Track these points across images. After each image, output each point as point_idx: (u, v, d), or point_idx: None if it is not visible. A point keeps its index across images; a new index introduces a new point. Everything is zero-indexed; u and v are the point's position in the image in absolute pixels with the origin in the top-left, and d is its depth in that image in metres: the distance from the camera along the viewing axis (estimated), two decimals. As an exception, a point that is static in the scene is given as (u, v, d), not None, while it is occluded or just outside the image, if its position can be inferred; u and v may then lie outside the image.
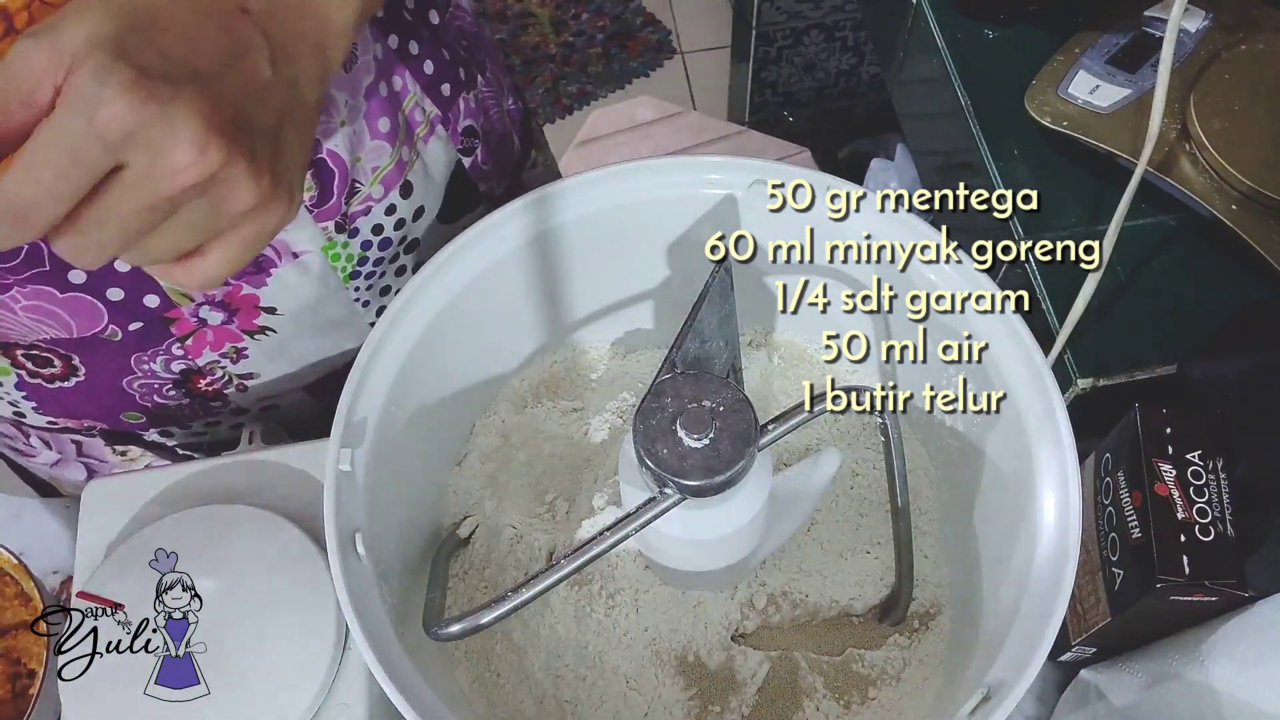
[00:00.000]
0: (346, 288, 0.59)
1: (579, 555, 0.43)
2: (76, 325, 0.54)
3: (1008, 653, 0.45)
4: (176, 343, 0.57)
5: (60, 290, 0.52)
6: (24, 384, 0.59)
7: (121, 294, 0.53)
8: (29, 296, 0.52)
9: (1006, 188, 0.71)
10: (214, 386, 0.61)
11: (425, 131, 0.60)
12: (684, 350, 0.48)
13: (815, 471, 0.54)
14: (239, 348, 0.59)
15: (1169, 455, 0.53)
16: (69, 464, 0.69)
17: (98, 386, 0.58)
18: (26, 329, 0.54)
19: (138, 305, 0.54)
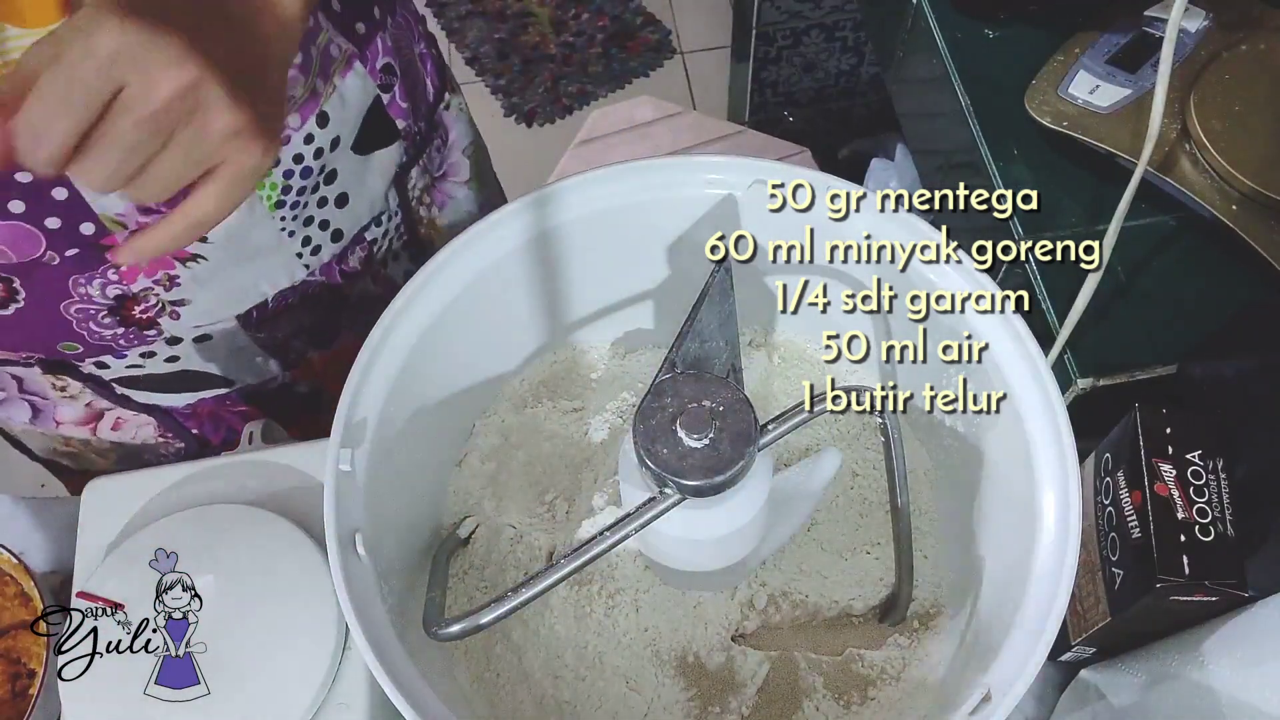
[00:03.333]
0: (272, 216, 0.61)
1: (579, 555, 0.43)
2: (15, 252, 0.56)
3: (1008, 653, 0.45)
4: (111, 268, 0.59)
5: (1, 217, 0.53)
6: None
7: (59, 222, 0.55)
8: None
9: (1006, 188, 0.71)
10: (148, 314, 0.62)
11: (342, 67, 0.62)
12: (684, 350, 0.48)
13: (815, 471, 0.54)
14: (171, 275, 0.61)
15: (1169, 455, 0.53)
16: (13, 402, 0.71)
17: (36, 313, 0.60)
18: None
19: (74, 232, 0.56)
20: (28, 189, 0.53)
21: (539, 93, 2.01)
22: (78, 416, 0.72)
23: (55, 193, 0.54)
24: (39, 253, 0.56)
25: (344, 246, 0.68)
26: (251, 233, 0.61)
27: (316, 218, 0.65)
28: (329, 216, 0.65)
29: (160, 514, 0.56)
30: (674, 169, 0.57)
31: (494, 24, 2.09)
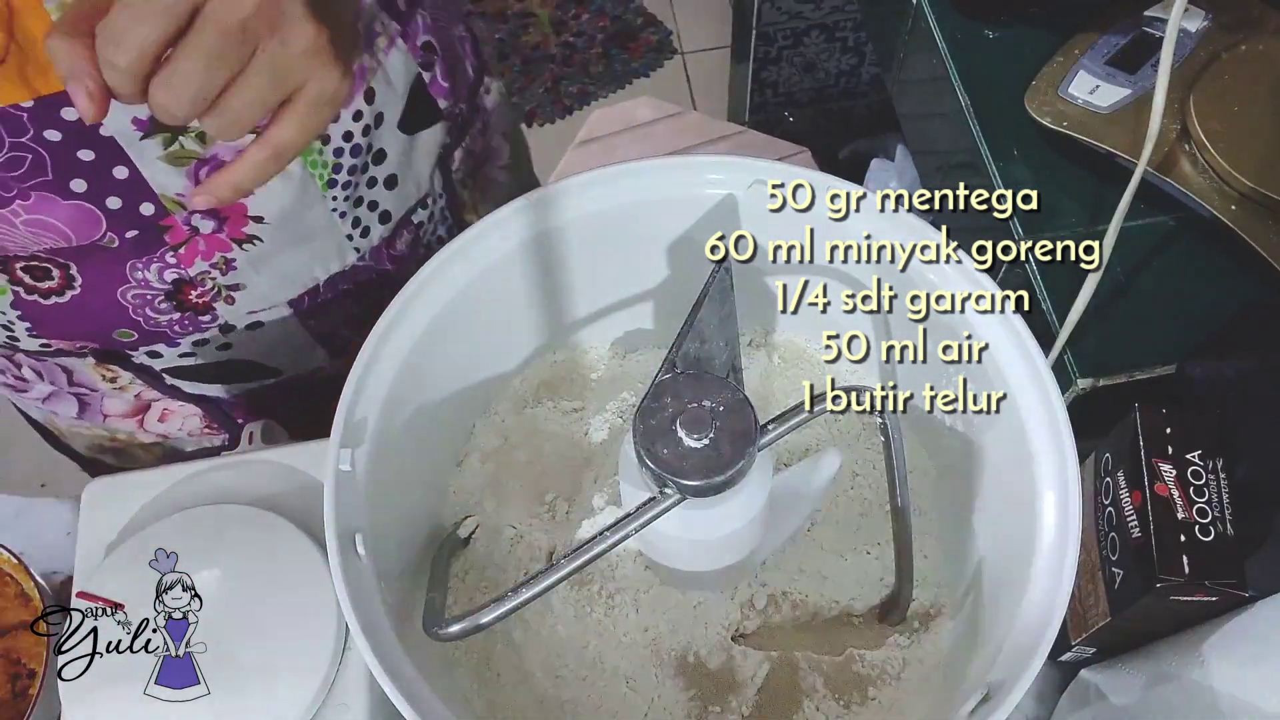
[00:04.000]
0: (324, 196, 0.62)
1: (579, 555, 0.43)
2: (76, 234, 0.56)
3: (1008, 653, 0.45)
4: (170, 251, 0.59)
5: (62, 198, 0.53)
6: (20, 302, 0.60)
7: (120, 202, 0.55)
8: (30, 209, 0.53)
9: (1006, 188, 0.71)
10: (204, 299, 0.63)
11: (386, 44, 0.62)
12: (684, 350, 0.48)
13: (815, 472, 0.54)
14: (228, 258, 0.61)
15: (1169, 455, 0.53)
16: (61, 397, 0.71)
17: (93, 299, 0.60)
18: (27, 240, 0.55)
19: (134, 213, 0.56)
20: (89, 167, 0.53)
21: (539, 93, 2.01)
22: (125, 409, 0.73)
23: (116, 171, 0.54)
24: (99, 234, 0.56)
25: (392, 229, 0.68)
26: (305, 214, 0.61)
27: (366, 198, 0.65)
28: (378, 198, 0.66)
29: (160, 514, 0.56)
30: (674, 169, 0.57)
31: (494, 24, 2.09)
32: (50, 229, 0.55)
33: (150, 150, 0.54)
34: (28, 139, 0.50)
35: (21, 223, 0.54)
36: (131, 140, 0.53)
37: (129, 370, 0.68)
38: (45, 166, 0.52)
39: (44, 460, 1.58)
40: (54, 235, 0.55)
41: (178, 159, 0.55)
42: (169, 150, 0.54)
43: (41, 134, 0.50)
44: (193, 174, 0.56)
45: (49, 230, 0.55)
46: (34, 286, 0.60)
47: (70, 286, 0.60)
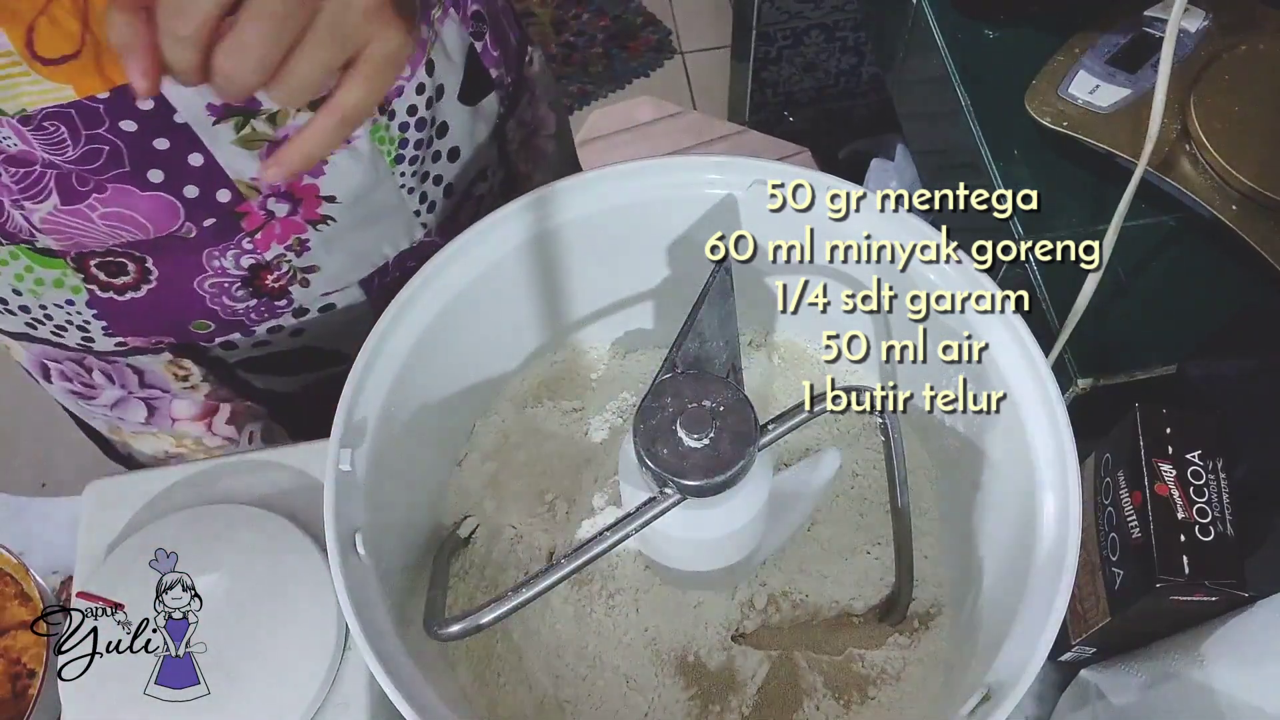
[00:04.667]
0: (393, 173, 0.62)
1: (579, 555, 0.43)
2: (154, 226, 0.56)
3: (1008, 653, 0.45)
4: (246, 237, 0.59)
5: (140, 190, 0.53)
6: (95, 300, 0.61)
7: (196, 190, 0.55)
8: (107, 202, 0.54)
9: (1006, 188, 0.71)
10: (280, 283, 0.63)
11: (440, 14, 0.62)
12: (684, 350, 0.48)
13: (815, 471, 0.54)
14: (302, 239, 0.61)
15: (1169, 455, 0.53)
16: (130, 402, 0.71)
17: (169, 292, 0.60)
18: (104, 234, 0.56)
19: (211, 200, 0.56)
20: (165, 156, 0.53)
21: (539, 93, 2.01)
22: (194, 411, 0.73)
23: (191, 159, 0.54)
24: (177, 224, 0.56)
25: (456, 203, 0.69)
26: (374, 191, 0.62)
27: (432, 173, 0.65)
28: (442, 171, 0.66)
29: (160, 514, 0.56)
30: (674, 169, 0.57)
31: (494, 24, 2.09)
32: (129, 221, 0.55)
33: (223, 135, 0.54)
34: (104, 130, 0.50)
35: (99, 216, 0.54)
36: (205, 126, 0.53)
37: (202, 365, 0.68)
38: (122, 157, 0.52)
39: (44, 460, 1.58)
40: (132, 228, 0.56)
41: (250, 142, 0.55)
42: (241, 134, 0.54)
43: (117, 125, 0.51)
44: (264, 158, 0.56)
45: (127, 223, 0.55)
46: (109, 283, 0.60)
47: (146, 280, 0.60)
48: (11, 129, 0.50)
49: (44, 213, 0.54)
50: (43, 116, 0.49)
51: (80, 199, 0.53)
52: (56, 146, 0.50)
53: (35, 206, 0.54)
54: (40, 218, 0.55)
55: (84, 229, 0.55)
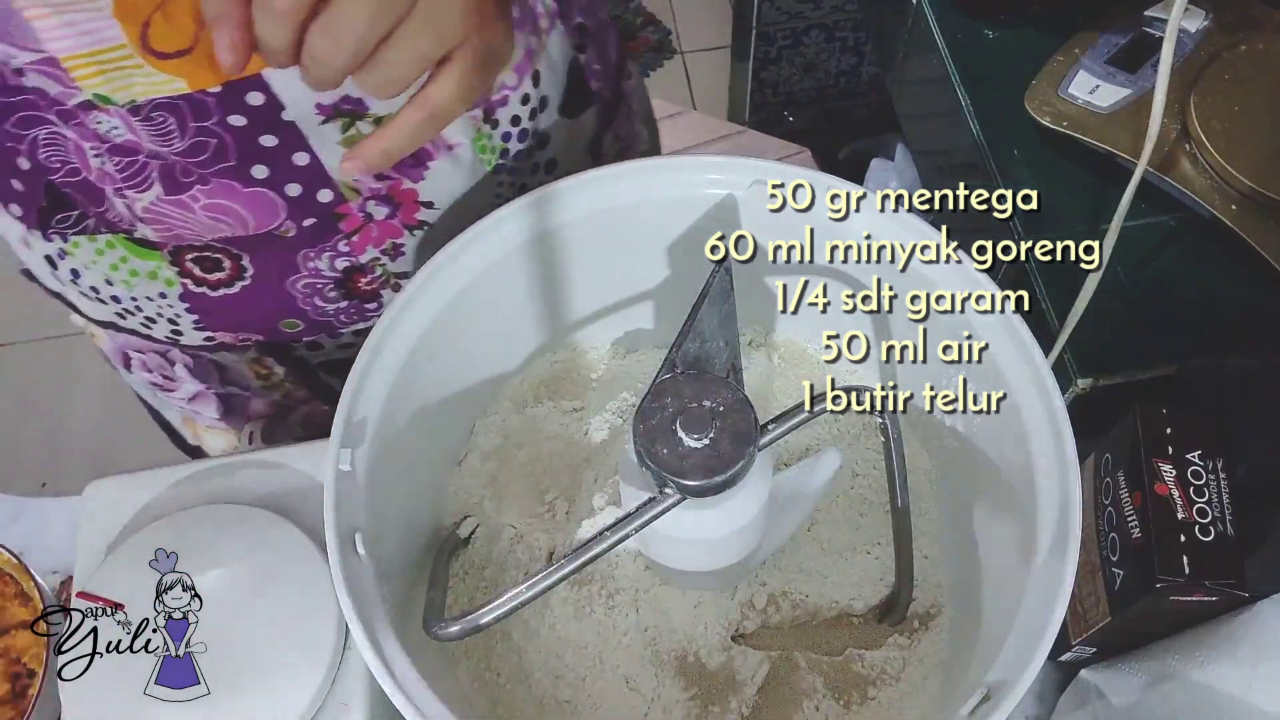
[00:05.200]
0: (491, 181, 0.62)
1: (579, 555, 0.43)
2: (254, 221, 0.56)
3: (1008, 653, 0.45)
4: (343, 239, 0.59)
5: (243, 185, 0.54)
6: (188, 294, 0.61)
7: (299, 189, 0.55)
8: (210, 194, 0.54)
9: (1006, 188, 0.71)
10: (372, 286, 0.63)
11: (547, 24, 0.62)
12: (684, 350, 0.48)
13: (815, 471, 0.54)
14: (397, 243, 0.61)
15: (1169, 455, 0.53)
16: (208, 398, 0.71)
17: (263, 289, 0.61)
18: (204, 227, 0.56)
19: (312, 200, 0.56)
20: (271, 153, 0.53)
21: (539, 93, 2.01)
22: (271, 411, 0.74)
23: (297, 158, 0.54)
24: (277, 222, 0.57)
25: None
26: (472, 199, 0.62)
27: (529, 184, 0.65)
28: (539, 183, 0.66)
29: (160, 514, 0.56)
30: (674, 169, 0.57)
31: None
32: (230, 215, 0.55)
33: (329, 135, 0.54)
34: (212, 124, 0.51)
35: (201, 208, 0.55)
36: (312, 126, 0.53)
37: (285, 365, 0.68)
38: (228, 152, 0.52)
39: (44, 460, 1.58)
40: (232, 222, 0.56)
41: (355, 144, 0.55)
42: (347, 135, 0.54)
43: (226, 119, 0.51)
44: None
45: (228, 216, 0.55)
46: (203, 279, 0.60)
47: (240, 277, 0.60)
48: (120, 118, 0.50)
49: (146, 202, 0.54)
50: (152, 107, 0.49)
51: (183, 190, 0.53)
52: (164, 137, 0.51)
53: (138, 195, 0.54)
54: (143, 206, 0.55)
55: (185, 220, 0.55)
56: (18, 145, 0.53)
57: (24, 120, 0.51)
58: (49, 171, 0.54)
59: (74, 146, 0.52)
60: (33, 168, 0.55)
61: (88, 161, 0.53)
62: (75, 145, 0.52)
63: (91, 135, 0.51)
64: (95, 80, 0.47)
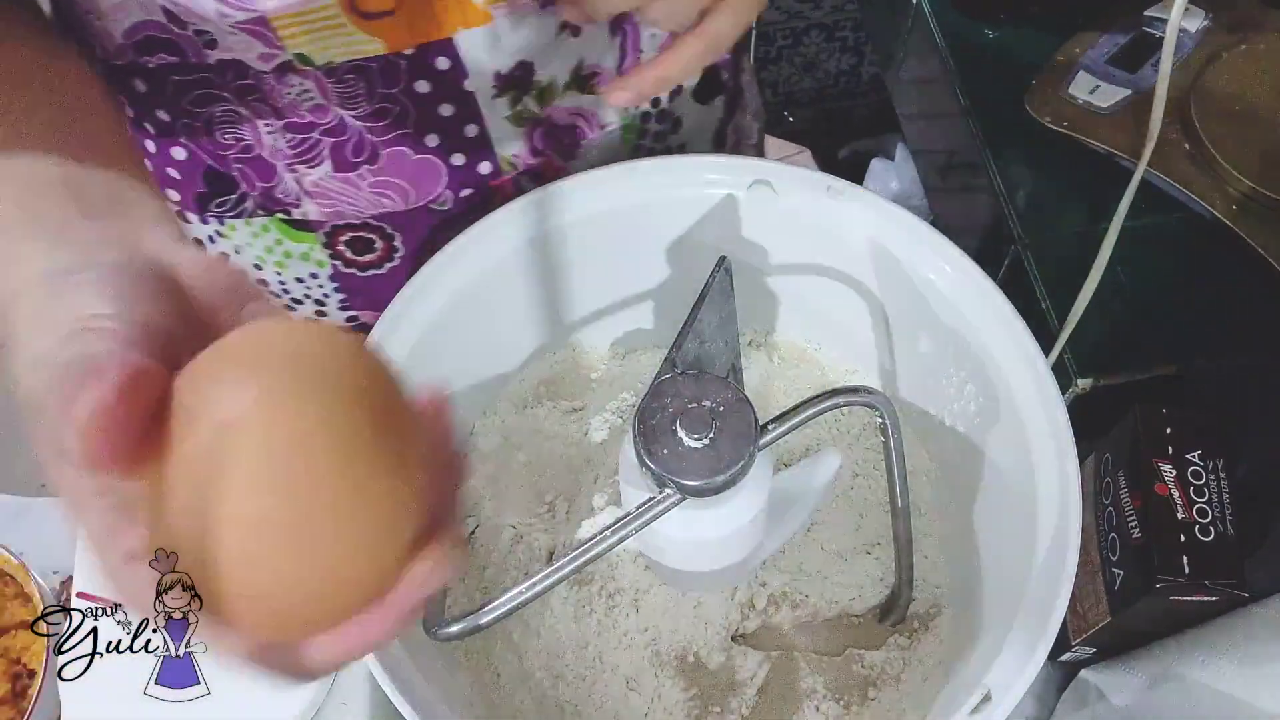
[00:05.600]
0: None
1: (579, 555, 0.43)
2: (415, 191, 0.58)
3: (1008, 653, 0.45)
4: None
5: (414, 152, 0.56)
6: (337, 275, 0.64)
7: (463, 159, 0.58)
8: (378, 172, 0.56)
9: (1006, 188, 0.71)
10: None
11: None
12: (684, 350, 0.48)
13: (815, 472, 0.54)
14: None
15: (1169, 455, 0.53)
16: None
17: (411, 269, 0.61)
18: (366, 203, 0.59)
19: (473, 172, 0.59)
20: (446, 122, 0.55)
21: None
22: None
23: (467, 129, 0.56)
24: (437, 192, 0.59)
25: None
26: None
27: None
28: None
29: (160, 514, 0.56)
30: (674, 169, 0.57)
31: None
32: (393, 189, 0.57)
33: (500, 109, 0.56)
34: (398, 90, 0.53)
35: (367, 185, 0.57)
36: (486, 98, 0.55)
37: None
38: (408, 118, 0.54)
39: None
40: (395, 195, 0.58)
41: (520, 119, 0.57)
42: (514, 110, 0.57)
43: (412, 85, 0.53)
44: (527, 136, 0.59)
45: (391, 190, 0.58)
46: (354, 260, 0.62)
47: (390, 259, 0.62)
48: (314, 81, 0.51)
49: (315, 178, 0.57)
50: (346, 69, 0.51)
51: (351, 169, 0.56)
52: (352, 100, 0.53)
53: (309, 171, 0.57)
54: (312, 182, 0.57)
55: (350, 196, 0.58)
56: (192, 121, 0.55)
57: (201, 98, 0.53)
58: (222, 148, 0.56)
59: (249, 124, 0.55)
60: (190, 156, 0.57)
61: (261, 138, 0.55)
62: (250, 123, 0.54)
63: (269, 111, 0.53)
64: (300, 39, 0.48)
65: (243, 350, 0.26)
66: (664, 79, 0.42)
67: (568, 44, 0.56)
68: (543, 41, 0.54)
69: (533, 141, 0.60)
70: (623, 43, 0.59)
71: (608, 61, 0.59)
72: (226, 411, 0.24)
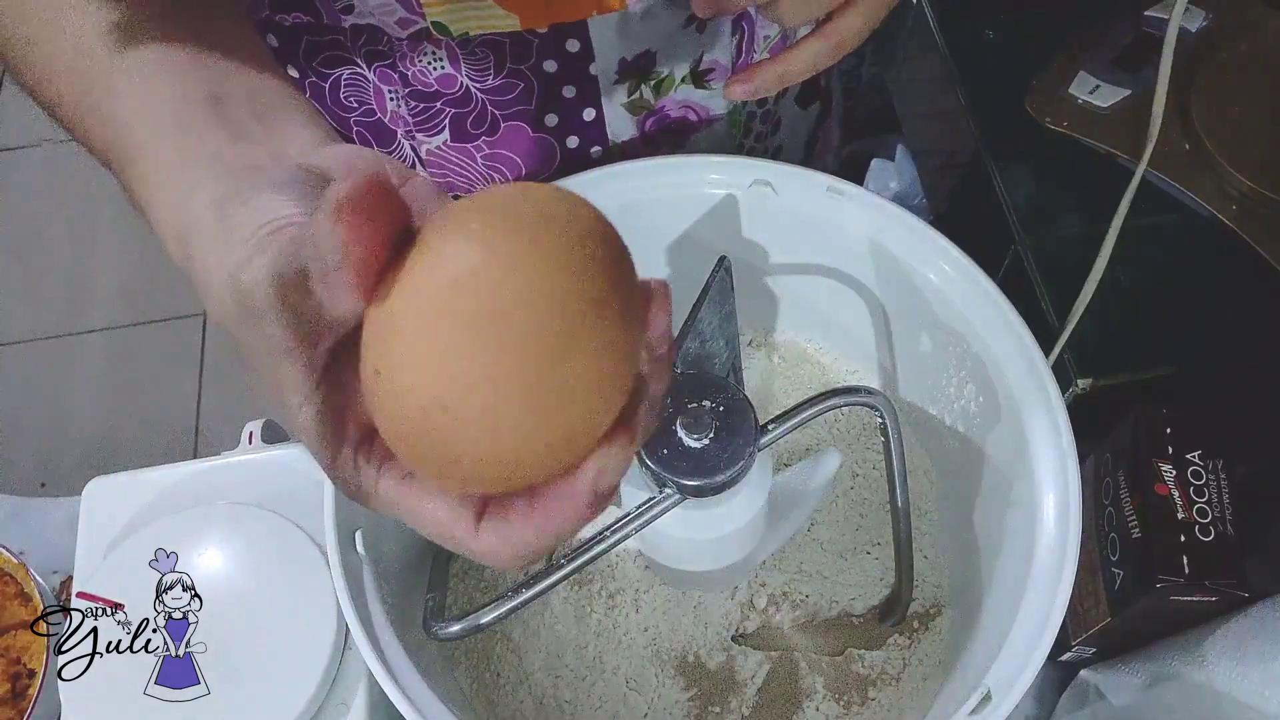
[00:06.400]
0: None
1: (579, 555, 0.43)
2: (526, 168, 0.59)
3: (1008, 653, 0.45)
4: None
5: (532, 129, 0.58)
6: None
7: (577, 141, 0.59)
8: (494, 144, 0.58)
9: (1006, 188, 0.71)
10: None
11: None
12: (684, 350, 0.48)
13: (815, 472, 0.54)
14: None
15: (1169, 455, 0.53)
16: None
17: None
18: (480, 174, 0.60)
19: (585, 155, 0.60)
20: (567, 104, 0.56)
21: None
22: None
23: (585, 113, 0.57)
24: (549, 172, 0.60)
25: None
26: None
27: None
28: None
29: (160, 514, 0.56)
30: (674, 169, 0.57)
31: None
32: (506, 164, 0.58)
33: (618, 95, 0.57)
34: (526, 67, 0.54)
35: (482, 157, 0.58)
36: (609, 83, 0.56)
37: None
38: (532, 96, 0.55)
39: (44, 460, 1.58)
40: (507, 170, 0.59)
41: (635, 107, 0.58)
42: (631, 99, 0.58)
43: (541, 64, 0.54)
44: (640, 124, 0.60)
45: (505, 165, 0.59)
46: None
47: None
48: (447, 51, 0.53)
49: (433, 146, 0.58)
50: (480, 42, 0.52)
51: (470, 139, 0.57)
52: (480, 72, 0.54)
53: (427, 139, 0.57)
54: (429, 150, 0.58)
55: (464, 167, 0.59)
56: (320, 81, 0.56)
57: (330, 60, 0.55)
58: (345, 110, 0.58)
59: (374, 89, 0.56)
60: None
61: (384, 104, 0.57)
62: (375, 87, 0.56)
63: (395, 78, 0.54)
64: (439, 9, 0.49)
65: (493, 206, 0.26)
66: (785, 75, 0.42)
67: (692, 38, 0.57)
68: (669, 33, 0.55)
69: (645, 129, 0.61)
70: (740, 41, 0.60)
71: (725, 59, 0.59)
72: (469, 262, 0.24)
